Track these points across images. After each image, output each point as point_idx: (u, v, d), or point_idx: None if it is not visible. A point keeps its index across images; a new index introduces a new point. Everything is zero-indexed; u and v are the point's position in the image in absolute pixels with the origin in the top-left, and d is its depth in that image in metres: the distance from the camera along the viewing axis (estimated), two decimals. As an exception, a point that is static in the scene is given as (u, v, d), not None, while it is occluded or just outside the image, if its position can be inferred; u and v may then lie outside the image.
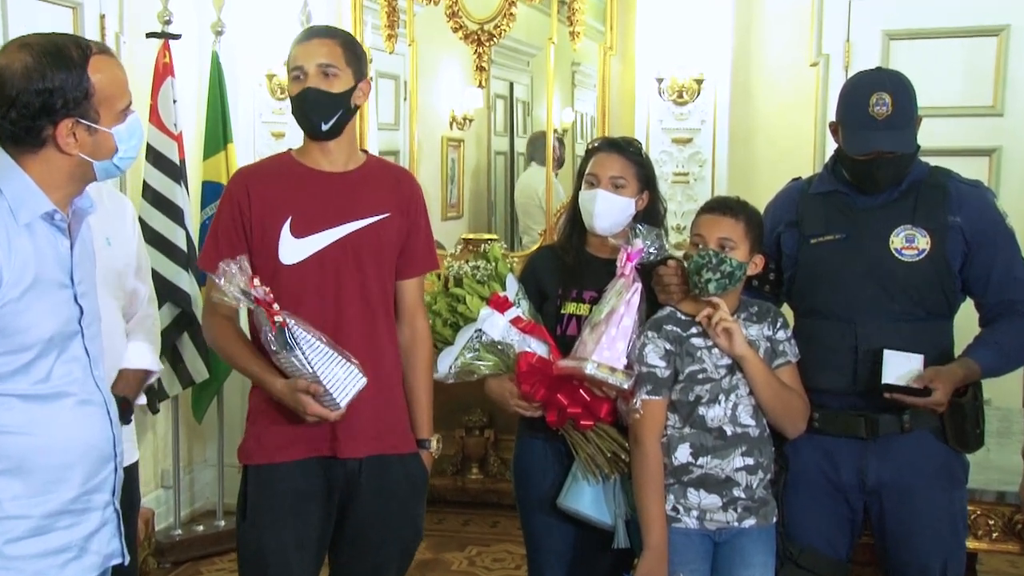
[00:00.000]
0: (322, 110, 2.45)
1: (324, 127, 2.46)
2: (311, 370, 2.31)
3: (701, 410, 2.48)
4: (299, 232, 2.45)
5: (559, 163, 5.27)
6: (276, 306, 2.29)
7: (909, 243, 2.50)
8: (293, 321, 2.31)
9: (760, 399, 2.49)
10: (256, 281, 2.28)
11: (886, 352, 2.45)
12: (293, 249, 2.45)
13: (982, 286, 2.54)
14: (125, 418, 2.60)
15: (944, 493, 2.54)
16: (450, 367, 2.67)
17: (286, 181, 2.50)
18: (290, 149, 2.62)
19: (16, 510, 1.85)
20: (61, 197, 1.91)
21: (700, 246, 2.50)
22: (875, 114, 2.46)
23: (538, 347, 2.63)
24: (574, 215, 2.74)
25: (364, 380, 2.38)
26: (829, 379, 2.55)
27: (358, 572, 2.62)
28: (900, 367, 2.45)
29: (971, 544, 2.72)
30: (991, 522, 2.72)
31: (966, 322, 2.64)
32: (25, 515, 1.86)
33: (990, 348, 2.53)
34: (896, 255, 2.50)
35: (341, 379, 2.35)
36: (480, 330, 2.65)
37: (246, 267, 2.29)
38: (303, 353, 2.30)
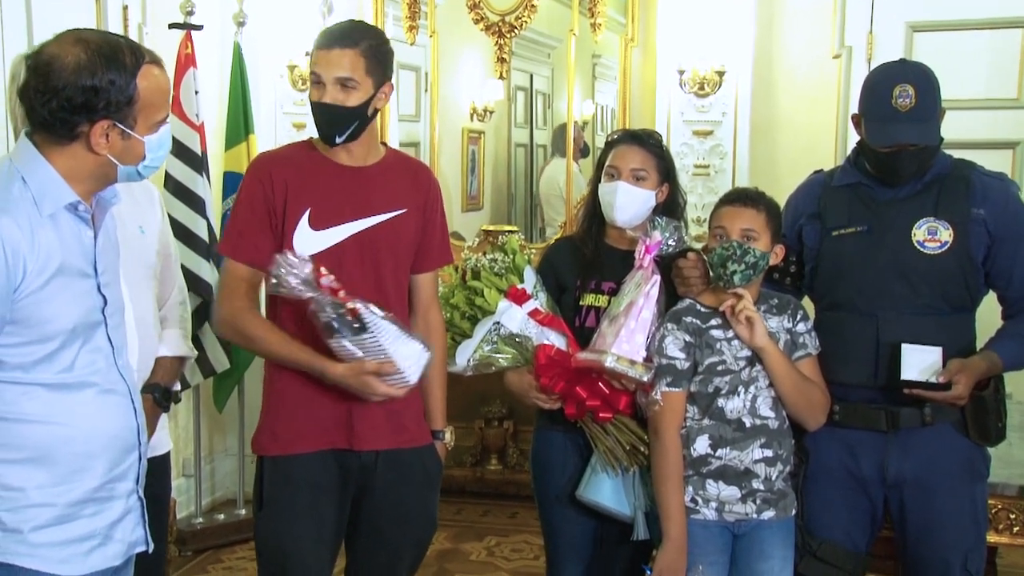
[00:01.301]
0: (337, 124, 2.44)
1: (338, 139, 2.45)
2: (384, 351, 2.31)
3: (720, 402, 2.49)
4: (317, 224, 2.45)
5: (583, 154, 5.28)
6: (343, 292, 2.29)
7: (932, 236, 2.49)
8: (362, 304, 2.29)
9: (780, 391, 2.49)
10: (323, 269, 2.28)
11: (904, 346, 2.45)
12: (310, 241, 2.43)
13: (1005, 279, 2.53)
14: (166, 406, 2.63)
15: (965, 487, 2.53)
16: (468, 360, 2.66)
17: (307, 171, 2.49)
18: (311, 137, 2.59)
19: (41, 498, 1.87)
20: (83, 191, 1.91)
21: (722, 238, 2.50)
22: (898, 106, 2.45)
23: (556, 339, 2.63)
24: (593, 207, 2.74)
25: (429, 353, 2.39)
26: (850, 372, 2.54)
27: (374, 563, 2.63)
28: (918, 360, 2.44)
29: (992, 538, 2.72)
30: (1012, 516, 2.73)
31: (989, 315, 2.62)
32: (50, 503, 1.88)
33: (1014, 341, 2.53)
34: (918, 248, 2.49)
35: (409, 355, 2.36)
36: (498, 323, 2.64)
37: (306, 256, 2.26)
38: (376, 336, 2.30)
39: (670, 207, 2.70)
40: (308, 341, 2.39)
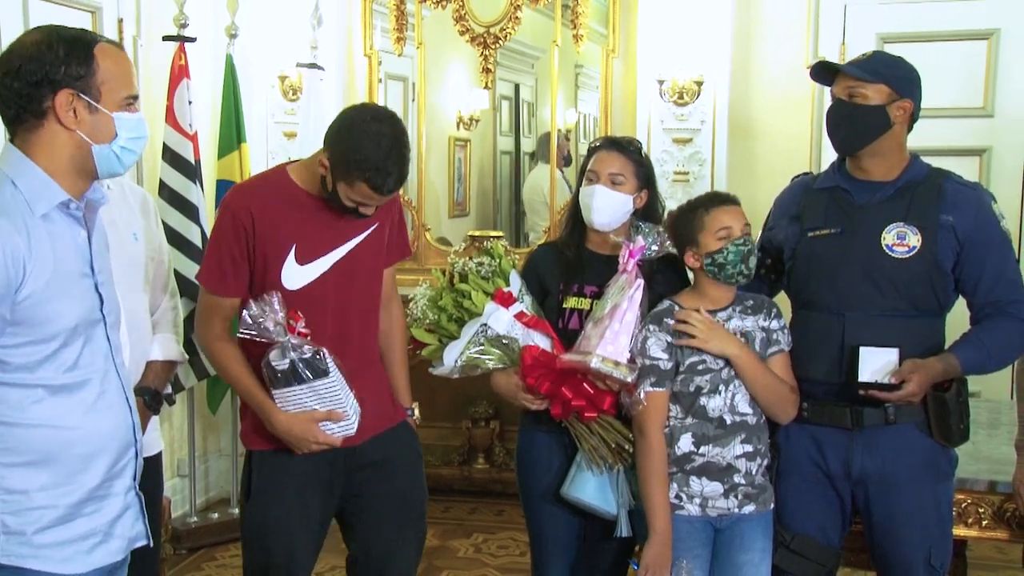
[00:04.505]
0: None
1: None
2: (337, 396, 2.41)
3: (702, 400, 2.50)
4: (303, 259, 2.49)
5: (566, 162, 5.31)
6: (309, 339, 2.37)
7: (900, 240, 2.48)
8: (326, 351, 2.38)
9: (752, 391, 2.50)
10: (298, 312, 2.36)
11: (862, 349, 2.44)
12: (297, 275, 2.49)
13: (972, 286, 2.52)
14: (156, 409, 2.63)
15: (928, 486, 2.52)
16: (456, 361, 2.66)
17: (288, 208, 2.50)
18: (286, 167, 2.60)
19: (44, 500, 1.87)
20: (70, 186, 1.90)
21: (727, 236, 2.49)
22: (853, 59, 2.53)
23: (542, 341, 2.63)
24: (575, 212, 2.74)
25: (360, 409, 2.50)
26: (816, 370, 2.54)
27: (379, 541, 2.68)
28: (876, 362, 2.44)
29: (962, 531, 2.72)
30: (981, 510, 2.72)
31: (964, 320, 2.60)
32: (52, 504, 1.88)
33: (973, 345, 2.50)
34: (887, 251, 2.48)
35: (353, 406, 2.48)
36: (485, 325, 2.63)
37: (280, 303, 2.33)
38: (334, 379, 2.39)
39: (649, 213, 2.71)
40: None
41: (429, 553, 4.29)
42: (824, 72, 2.59)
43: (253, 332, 2.34)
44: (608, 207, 2.64)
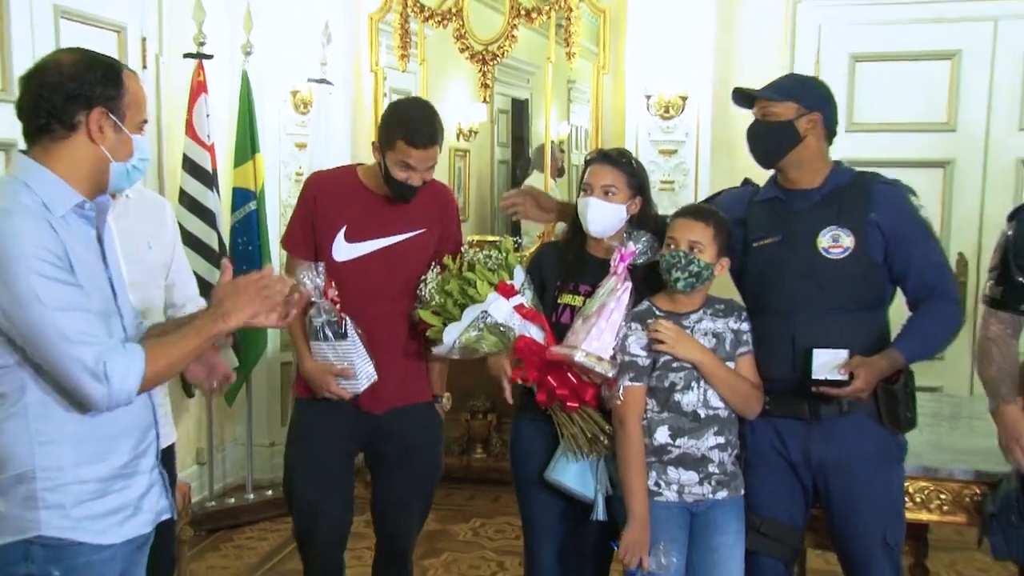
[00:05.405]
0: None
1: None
2: (351, 358, 2.80)
3: (676, 396, 2.55)
4: (351, 239, 2.87)
5: (560, 172, 5.36)
6: (338, 306, 2.79)
7: (835, 242, 2.55)
8: (349, 319, 2.79)
9: (719, 392, 2.57)
10: (333, 283, 2.78)
11: (815, 351, 2.49)
12: (345, 250, 2.87)
13: (903, 275, 2.58)
14: (190, 392, 2.77)
15: (882, 471, 2.59)
16: (454, 342, 2.73)
17: (347, 196, 2.90)
18: (357, 167, 2.99)
19: (77, 476, 1.93)
20: (83, 193, 1.94)
21: (672, 247, 2.57)
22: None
23: (536, 333, 2.70)
24: (575, 219, 2.80)
25: (376, 377, 2.85)
26: (774, 369, 2.60)
27: (391, 499, 3.01)
28: (826, 362, 2.49)
29: (924, 516, 2.80)
30: (942, 496, 2.78)
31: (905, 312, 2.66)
32: (85, 479, 1.94)
33: (910, 335, 2.56)
34: (824, 254, 2.55)
35: (364, 371, 2.84)
36: (486, 311, 2.69)
37: (323, 272, 2.76)
38: (350, 345, 2.78)
39: (644, 218, 2.77)
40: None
41: (430, 536, 4.37)
42: (743, 98, 2.70)
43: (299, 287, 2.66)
44: (602, 217, 2.71)
